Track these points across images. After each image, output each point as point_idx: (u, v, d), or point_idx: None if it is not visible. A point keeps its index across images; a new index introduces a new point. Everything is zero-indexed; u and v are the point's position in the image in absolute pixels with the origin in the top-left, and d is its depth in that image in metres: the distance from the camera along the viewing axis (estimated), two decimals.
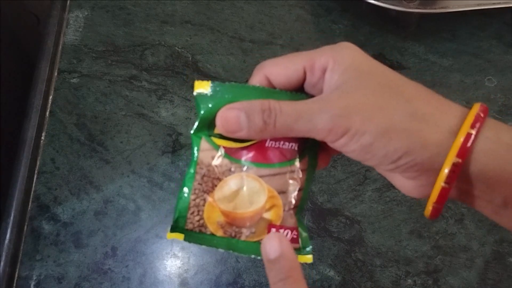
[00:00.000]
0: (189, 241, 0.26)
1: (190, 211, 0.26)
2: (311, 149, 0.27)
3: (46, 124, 0.50)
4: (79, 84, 0.52)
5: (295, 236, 0.27)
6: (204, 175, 0.26)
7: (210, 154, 0.26)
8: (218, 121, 0.25)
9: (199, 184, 0.26)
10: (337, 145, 0.24)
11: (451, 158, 0.22)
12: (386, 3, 0.51)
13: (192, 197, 0.26)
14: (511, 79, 0.54)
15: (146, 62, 0.54)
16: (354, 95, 0.23)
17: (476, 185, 0.24)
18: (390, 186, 0.48)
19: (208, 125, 0.26)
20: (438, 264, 0.44)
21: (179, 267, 0.44)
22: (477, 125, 0.22)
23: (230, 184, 0.26)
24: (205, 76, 0.53)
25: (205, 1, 0.58)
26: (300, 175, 0.27)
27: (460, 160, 0.22)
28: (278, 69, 0.26)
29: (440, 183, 0.23)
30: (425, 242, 0.45)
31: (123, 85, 0.52)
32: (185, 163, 0.48)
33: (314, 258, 0.44)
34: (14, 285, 0.42)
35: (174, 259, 0.44)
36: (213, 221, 0.26)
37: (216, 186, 0.26)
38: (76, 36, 0.55)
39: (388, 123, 0.23)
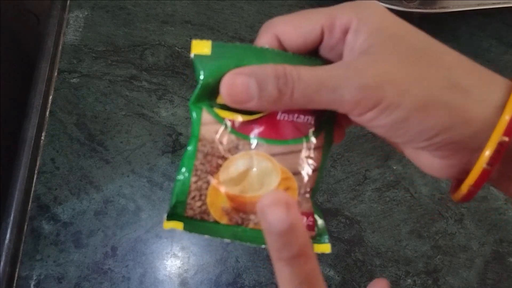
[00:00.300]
0: (190, 231, 0.23)
1: (191, 196, 0.23)
2: (327, 123, 0.24)
3: (46, 124, 0.50)
4: (79, 84, 0.52)
5: (310, 223, 0.23)
6: (207, 153, 0.22)
7: (213, 128, 0.22)
8: (224, 88, 0.21)
9: (201, 163, 0.22)
10: (363, 119, 0.21)
11: (497, 136, 0.19)
12: (386, 3, 0.51)
13: (193, 179, 0.22)
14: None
15: (146, 62, 0.54)
16: (386, 62, 0.20)
17: None
18: (390, 186, 0.48)
19: (210, 93, 0.22)
20: (438, 264, 0.44)
21: (179, 267, 0.44)
22: None
23: (237, 164, 0.22)
24: None
25: (205, 1, 0.58)
26: (316, 154, 0.23)
27: (507, 139, 0.19)
28: (292, 28, 0.22)
29: (482, 164, 0.20)
30: (425, 242, 0.45)
31: (123, 85, 0.52)
32: None
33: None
34: (14, 285, 0.43)
35: (174, 259, 0.44)
36: (217, 207, 0.23)
37: (221, 166, 0.22)
38: (76, 36, 0.55)
39: (427, 95, 0.20)
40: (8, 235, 0.44)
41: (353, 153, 0.49)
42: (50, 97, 0.51)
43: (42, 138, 0.49)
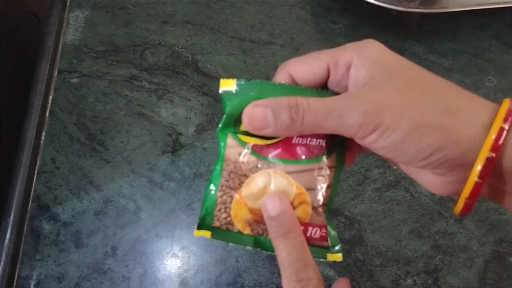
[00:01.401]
0: (216, 238, 0.26)
1: (217, 208, 0.26)
2: (338, 147, 0.27)
3: (46, 124, 0.50)
4: (79, 84, 0.52)
5: (324, 234, 0.27)
6: (231, 172, 0.26)
7: (236, 151, 0.26)
8: (245, 118, 0.25)
9: (226, 180, 0.26)
10: (366, 141, 0.24)
11: (485, 152, 0.22)
12: (386, 3, 0.51)
13: (219, 194, 0.26)
14: (511, 79, 0.54)
15: (146, 62, 0.54)
16: (384, 91, 0.23)
17: (508, 181, 0.23)
18: (390, 186, 0.48)
19: (234, 122, 0.26)
20: (438, 263, 0.44)
21: (179, 267, 0.44)
22: (510, 119, 0.22)
23: (257, 181, 0.26)
24: (205, 76, 0.53)
25: (205, 1, 0.58)
26: (328, 172, 0.26)
27: (494, 155, 0.22)
28: (302, 67, 0.26)
29: (474, 178, 0.23)
30: (425, 242, 0.45)
31: (123, 85, 0.52)
32: (185, 163, 0.48)
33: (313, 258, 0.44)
34: (14, 285, 0.42)
35: (174, 258, 0.44)
36: (240, 219, 0.26)
37: (243, 183, 0.26)
38: (76, 36, 0.55)
39: (421, 118, 0.22)
40: (8, 235, 0.44)
41: None
42: (50, 97, 0.51)
43: (42, 138, 0.49)
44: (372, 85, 0.23)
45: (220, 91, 0.26)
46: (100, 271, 0.43)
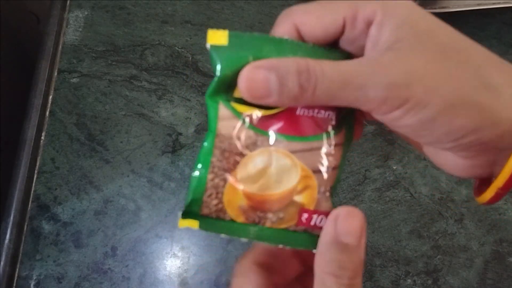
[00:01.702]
0: (206, 229, 0.22)
1: (207, 193, 0.22)
2: (347, 119, 0.23)
3: (46, 124, 0.50)
4: (79, 84, 0.52)
5: None
6: (224, 150, 0.22)
7: (230, 124, 0.22)
8: (242, 83, 0.20)
9: (218, 160, 0.22)
10: (389, 117, 0.20)
11: None
12: None
13: (210, 176, 0.22)
14: None
15: (146, 62, 0.54)
16: (413, 59, 0.19)
17: None
18: (390, 186, 0.48)
19: (227, 86, 0.21)
20: (438, 264, 0.44)
21: (179, 267, 0.44)
22: None
23: (255, 161, 0.22)
24: (205, 76, 0.53)
25: (205, 1, 0.58)
26: (337, 150, 0.22)
27: None
28: (313, 19, 0.21)
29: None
30: (425, 242, 0.45)
31: (123, 85, 0.52)
32: (185, 163, 0.48)
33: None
34: (14, 285, 0.43)
35: (174, 259, 0.44)
36: (234, 206, 0.22)
37: (238, 163, 0.22)
38: (76, 36, 0.55)
39: (456, 95, 0.19)
40: (8, 235, 0.44)
41: (353, 153, 0.49)
42: (50, 97, 0.51)
43: (42, 138, 0.49)
44: (398, 50, 0.19)
45: (207, 46, 0.21)
46: (100, 271, 0.43)
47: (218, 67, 0.21)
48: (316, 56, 0.21)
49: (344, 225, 0.21)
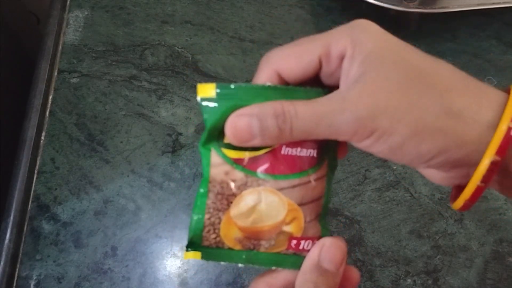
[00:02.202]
0: (207, 259, 0.25)
1: (206, 230, 0.25)
2: (329, 149, 0.25)
3: (46, 124, 0.50)
4: (79, 84, 0.52)
5: None
6: (217, 193, 0.25)
7: (222, 170, 0.24)
8: (228, 130, 0.23)
9: (213, 203, 0.25)
10: (362, 145, 0.22)
11: (490, 156, 0.20)
12: (386, 3, 0.51)
13: (207, 216, 0.25)
14: (511, 79, 0.54)
15: (146, 62, 0.54)
16: (377, 91, 0.21)
17: None
18: (390, 186, 0.48)
19: (217, 135, 0.24)
20: (438, 264, 0.44)
21: (179, 267, 0.44)
22: None
23: (246, 199, 0.24)
24: (205, 76, 0.53)
25: (205, 1, 0.58)
26: (321, 183, 0.25)
27: (499, 158, 0.20)
28: (290, 63, 0.23)
29: (476, 182, 0.21)
30: (425, 242, 0.45)
31: (123, 85, 0.52)
32: (185, 163, 0.48)
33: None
34: (14, 285, 0.43)
35: (174, 259, 0.44)
36: (230, 238, 0.25)
37: (231, 202, 0.25)
38: (76, 36, 0.55)
39: (420, 123, 0.20)
40: (8, 235, 0.44)
41: (353, 153, 0.49)
42: (50, 97, 0.51)
43: (42, 138, 0.49)
44: (364, 83, 0.21)
45: (198, 99, 0.23)
46: (100, 271, 0.43)
47: (209, 120, 0.23)
48: (294, 97, 0.23)
49: (327, 254, 0.24)
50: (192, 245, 0.25)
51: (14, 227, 0.44)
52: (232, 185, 0.24)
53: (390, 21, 0.57)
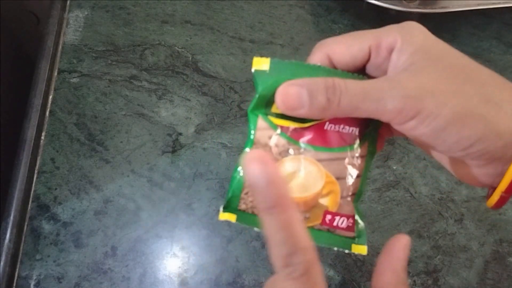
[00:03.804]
0: (241, 222, 0.25)
1: (244, 191, 0.25)
2: (370, 135, 0.26)
3: (46, 124, 0.50)
4: (79, 84, 0.52)
5: (350, 224, 0.26)
6: None
7: (267, 134, 0.25)
8: (278, 97, 0.24)
9: None
10: (405, 127, 0.23)
11: None
12: (386, 3, 0.51)
13: None
14: (511, 79, 0.54)
15: (146, 62, 0.54)
16: (425, 77, 0.22)
17: None
18: (390, 186, 0.48)
19: (266, 103, 0.25)
20: (438, 264, 0.44)
21: (179, 267, 0.44)
22: None
23: (286, 165, 0.25)
24: (205, 76, 0.53)
25: (205, 1, 0.58)
26: (359, 162, 0.26)
27: None
28: (342, 48, 0.25)
29: None
30: (425, 242, 0.45)
31: (123, 85, 0.52)
32: (185, 163, 0.48)
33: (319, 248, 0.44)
34: (14, 285, 0.43)
35: (174, 258, 0.44)
36: None
37: None
38: (76, 36, 0.55)
39: (464, 108, 0.22)
40: (8, 235, 0.44)
41: None
42: (50, 97, 0.51)
43: (42, 138, 0.49)
44: (413, 70, 0.23)
45: (252, 70, 0.25)
46: (100, 271, 0.43)
47: (260, 87, 0.25)
48: (344, 78, 0.24)
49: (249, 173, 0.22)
50: (228, 206, 0.26)
51: (14, 227, 0.44)
52: (275, 150, 0.25)
53: (390, 21, 0.57)
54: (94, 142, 0.49)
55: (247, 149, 0.25)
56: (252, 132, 0.26)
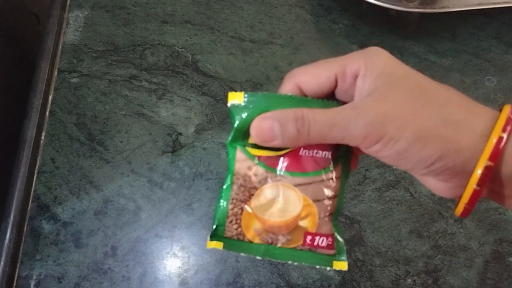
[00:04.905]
0: (228, 249, 0.27)
1: (229, 220, 0.27)
2: (344, 156, 0.28)
3: (46, 124, 0.50)
4: (79, 84, 0.52)
5: (330, 243, 0.27)
6: (240, 185, 0.27)
7: (246, 164, 0.27)
8: (253, 131, 0.26)
9: (236, 194, 0.27)
10: (371, 151, 0.24)
11: (483, 161, 0.23)
12: (386, 3, 0.51)
13: (230, 206, 0.27)
14: (511, 79, 0.54)
15: (146, 62, 0.54)
16: (387, 102, 0.24)
17: (507, 186, 0.24)
18: (390, 186, 0.48)
19: (242, 135, 0.27)
20: (438, 263, 0.44)
21: (179, 267, 0.44)
22: (508, 128, 0.23)
23: (266, 193, 0.27)
24: (205, 76, 0.53)
25: (205, 1, 0.58)
26: (335, 183, 0.27)
27: (492, 164, 0.23)
28: (310, 78, 0.26)
29: (472, 185, 0.24)
30: (425, 242, 0.45)
31: (123, 84, 0.52)
32: (185, 162, 0.48)
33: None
34: (14, 285, 0.43)
35: (174, 258, 0.44)
36: (250, 229, 0.27)
37: (253, 195, 0.27)
38: (76, 36, 0.55)
39: (422, 130, 0.23)
40: (8, 235, 0.44)
41: None
42: (50, 97, 0.51)
43: (42, 138, 0.49)
44: (376, 96, 0.24)
45: (228, 105, 0.26)
46: (100, 271, 0.43)
47: (236, 121, 0.26)
48: (313, 106, 0.26)
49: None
50: (215, 235, 0.27)
51: (14, 227, 0.44)
52: (254, 179, 0.27)
53: (390, 21, 0.57)
54: (94, 142, 0.49)
55: (228, 181, 0.27)
56: (232, 163, 0.27)
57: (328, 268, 0.27)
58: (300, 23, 0.57)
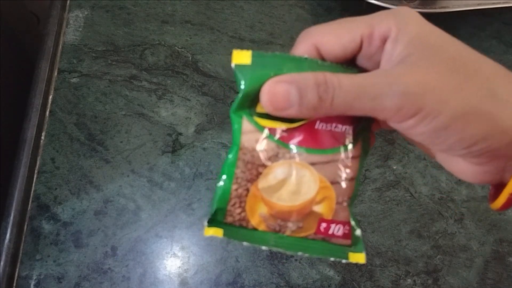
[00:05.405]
0: (229, 237, 0.23)
1: (231, 203, 0.23)
2: (363, 132, 0.24)
3: (46, 124, 0.50)
4: (79, 84, 0.52)
5: (347, 231, 0.24)
6: (247, 162, 0.23)
7: (253, 137, 0.23)
8: (264, 96, 0.22)
9: (241, 172, 0.23)
10: (403, 126, 0.21)
11: None
12: (386, 3, 0.51)
13: (234, 186, 0.23)
14: None
15: (146, 62, 0.54)
16: (425, 72, 0.20)
17: None
18: (390, 186, 0.48)
19: (250, 102, 0.23)
20: (438, 263, 0.44)
21: (179, 267, 0.44)
22: None
23: (276, 172, 0.23)
24: (205, 76, 0.53)
25: (205, 1, 0.58)
26: (354, 163, 0.23)
27: None
28: (331, 38, 0.22)
29: None
30: (425, 242, 0.45)
31: (123, 84, 0.52)
32: (185, 162, 0.48)
33: (314, 257, 0.44)
34: (14, 285, 0.43)
35: (174, 258, 0.44)
36: (255, 213, 0.23)
37: (260, 173, 0.23)
38: (76, 36, 0.55)
39: (467, 105, 0.20)
40: (8, 235, 0.44)
41: None
42: (50, 97, 0.51)
43: (42, 138, 0.49)
44: (411, 63, 0.20)
45: (232, 65, 0.22)
46: (100, 271, 0.43)
47: (242, 84, 0.22)
48: (334, 71, 0.21)
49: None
50: (214, 220, 0.23)
51: (14, 227, 0.44)
52: (263, 155, 0.23)
53: None
54: (94, 142, 0.49)
55: (231, 156, 0.23)
56: (237, 136, 0.23)
57: (343, 261, 0.23)
58: (300, 23, 0.57)
